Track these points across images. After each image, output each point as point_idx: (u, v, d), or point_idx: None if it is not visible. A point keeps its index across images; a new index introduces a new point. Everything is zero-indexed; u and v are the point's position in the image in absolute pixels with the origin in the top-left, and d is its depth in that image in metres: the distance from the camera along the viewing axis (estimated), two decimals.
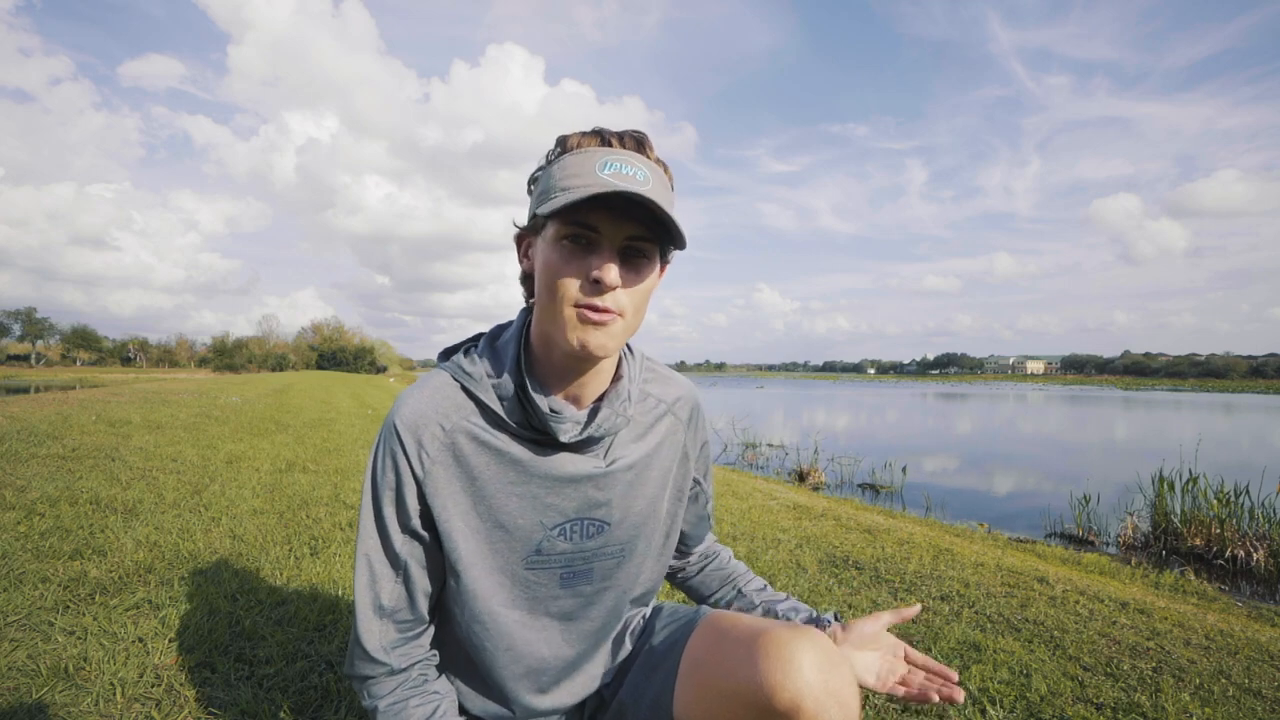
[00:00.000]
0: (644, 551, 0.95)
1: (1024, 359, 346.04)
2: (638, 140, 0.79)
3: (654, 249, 0.80)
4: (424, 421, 0.83)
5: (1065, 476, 8.71)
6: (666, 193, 0.78)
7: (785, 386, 70.96)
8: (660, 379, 0.97)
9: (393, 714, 0.84)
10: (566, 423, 0.83)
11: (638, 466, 0.91)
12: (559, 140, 0.81)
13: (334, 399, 13.60)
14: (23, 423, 5.16)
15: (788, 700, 0.71)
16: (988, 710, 1.56)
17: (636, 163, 0.76)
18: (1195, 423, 20.12)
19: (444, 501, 0.84)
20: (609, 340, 0.78)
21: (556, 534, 0.87)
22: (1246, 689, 1.81)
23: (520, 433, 0.84)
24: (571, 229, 0.75)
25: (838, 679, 0.73)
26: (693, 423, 1.00)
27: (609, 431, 0.87)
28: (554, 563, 0.88)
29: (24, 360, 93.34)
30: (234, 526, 2.76)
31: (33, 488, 3.10)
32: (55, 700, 1.35)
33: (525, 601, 0.89)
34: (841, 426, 17.11)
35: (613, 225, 0.75)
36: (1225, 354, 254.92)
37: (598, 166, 0.74)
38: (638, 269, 0.78)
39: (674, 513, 1.00)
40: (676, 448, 0.97)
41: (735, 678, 0.76)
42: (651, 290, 0.83)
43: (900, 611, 0.98)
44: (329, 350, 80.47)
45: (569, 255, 0.76)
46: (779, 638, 0.75)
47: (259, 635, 1.71)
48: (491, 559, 0.86)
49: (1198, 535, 4.97)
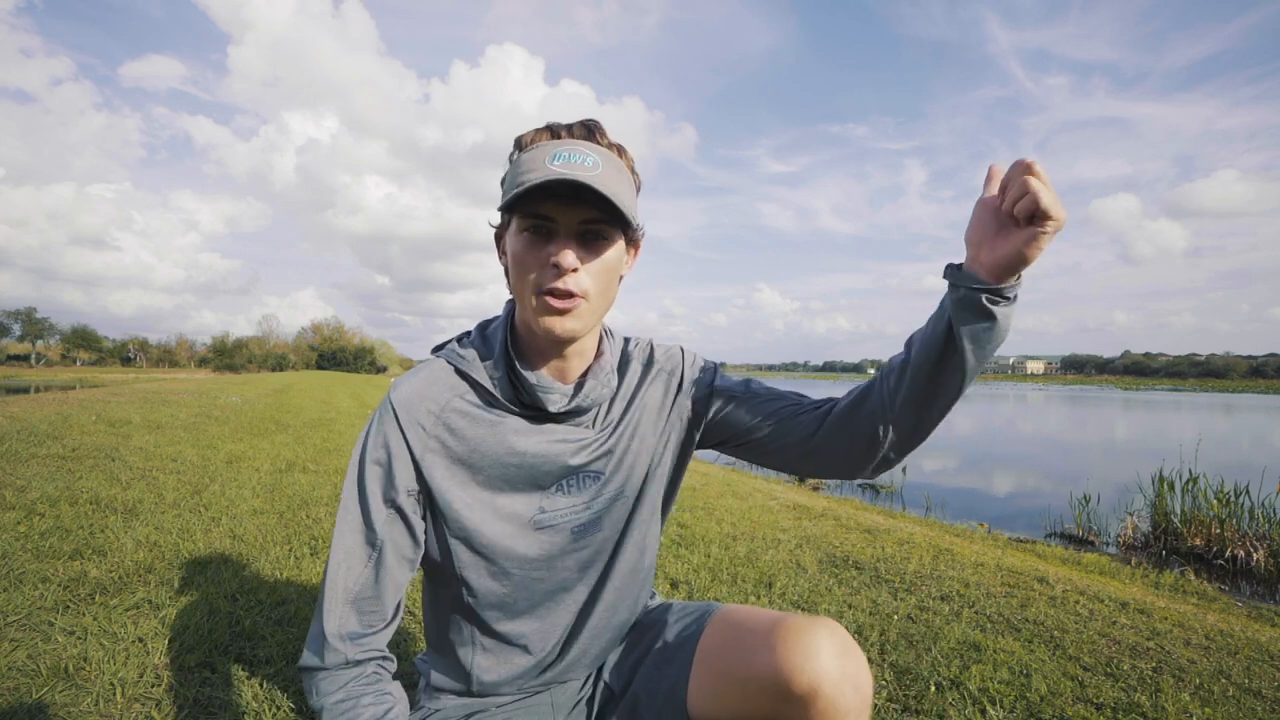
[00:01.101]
0: (646, 497, 0.97)
1: (1024, 359, 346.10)
2: (588, 129, 0.82)
3: (613, 230, 0.83)
4: (419, 399, 0.86)
5: (1065, 476, 8.71)
6: (618, 175, 0.81)
7: (785, 386, 71.09)
8: (652, 349, 1.01)
9: (340, 711, 0.79)
10: (554, 393, 0.87)
11: (629, 419, 0.94)
12: (516, 140, 0.84)
13: (334, 399, 13.60)
14: (23, 423, 5.16)
15: (806, 684, 0.73)
16: (988, 710, 1.56)
17: (585, 150, 0.79)
18: (1195, 423, 20.12)
19: (441, 474, 0.86)
20: (576, 323, 0.82)
21: (555, 490, 0.90)
22: (1246, 689, 1.81)
23: (511, 407, 0.88)
24: (529, 220, 0.80)
25: (854, 664, 0.76)
26: (680, 366, 1.00)
27: (595, 402, 0.91)
28: (561, 519, 0.91)
29: (24, 360, 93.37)
30: (234, 526, 2.76)
31: (33, 488, 3.10)
32: (55, 700, 1.35)
33: (542, 559, 0.91)
34: None
35: (565, 212, 0.79)
36: (1225, 354, 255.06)
37: (547, 159, 0.78)
38: (596, 250, 0.82)
39: (679, 462, 1.01)
40: (669, 394, 0.99)
41: (752, 665, 0.79)
42: (617, 270, 0.86)
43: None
44: (329, 350, 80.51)
45: (529, 245, 0.81)
46: (797, 625, 0.78)
47: (259, 635, 1.71)
48: (496, 524, 0.88)
49: (1198, 535, 4.97)
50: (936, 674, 1.75)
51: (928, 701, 1.60)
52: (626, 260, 0.89)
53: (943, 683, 1.70)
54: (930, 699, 1.61)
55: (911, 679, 1.72)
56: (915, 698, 1.62)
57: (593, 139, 0.82)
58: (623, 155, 0.85)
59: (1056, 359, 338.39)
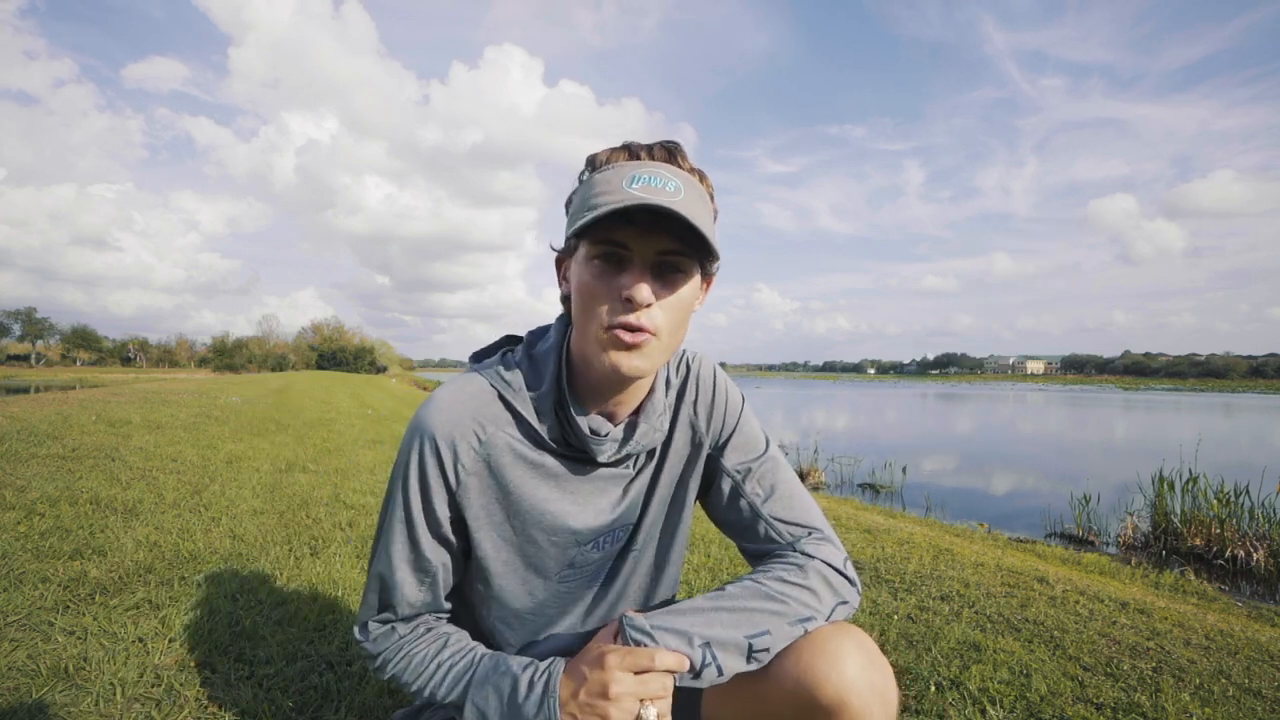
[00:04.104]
0: (669, 545, 0.95)
1: (1024, 359, 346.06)
2: (668, 150, 0.77)
3: (690, 263, 0.76)
4: (460, 430, 0.80)
5: (1065, 476, 8.71)
6: (701, 202, 0.75)
7: (785, 387, 70.92)
8: (686, 375, 0.93)
9: (395, 651, 0.82)
10: (606, 443, 0.82)
11: (657, 460, 0.91)
12: (589, 159, 0.78)
13: (334, 399, 13.59)
14: (23, 423, 5.15)
15: (832, 694, 0.70)
16: (988, 710, 1.56)
17: (667, 174, 0.73)
18: (1195, 423, 20.12)
19: (477, 512, 0.82)
20: (644, 362, 0.75)
21: (590, 547, 0.87)
22: (1246, 689, 1.81)
23: (557, 450, 0.83)
24: (601, 247, 0.74)
25: (881, 676, 0.73)
26: (694, 391, 0.92)
27: (645, 448, 0.86)
28: (585, 572, 0.89)
29: (24, 360, 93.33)
30: (234, 526, 2.76)
31: (33, 488, 3.10)
32: (55, 700, 1.35)
33: (555, 605, 0.90)
34: (841, 427, 17.11)
35: (642, 241, 0.73)
36: (1225, 354, 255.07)
37: (625, 181, 0.72)
38: (672, 284, 0.75)
39: (694, 501, 0.98)
40: (688, 426, 0.92)
41: (775, 675, 0.75)
42: (690, 306, 0.79)
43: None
44: (329, 350, 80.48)
45: (600, 274, 0.74)
46: (825, 633, 0.75)
47: (259, 635, 1.71)
48: (524, 570, 0.86)
49: (1198, 535, 4.96)
50: (936, 674, 1.75)
51: (928, 701, 1.60)
52: (700, 296, 0.82)
53: (943, 683, 1.70)
54: (930, 699, 1.61)
55: (911, 679, 1.72)
56: (915, 698, 1.62)
57: (674, 162, 0.76)
58: (704, 181, 0.79)
59: (1056, 359, 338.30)
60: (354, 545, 2.62)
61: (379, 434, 7.03)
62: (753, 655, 0.74)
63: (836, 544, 0.87)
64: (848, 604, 0.81)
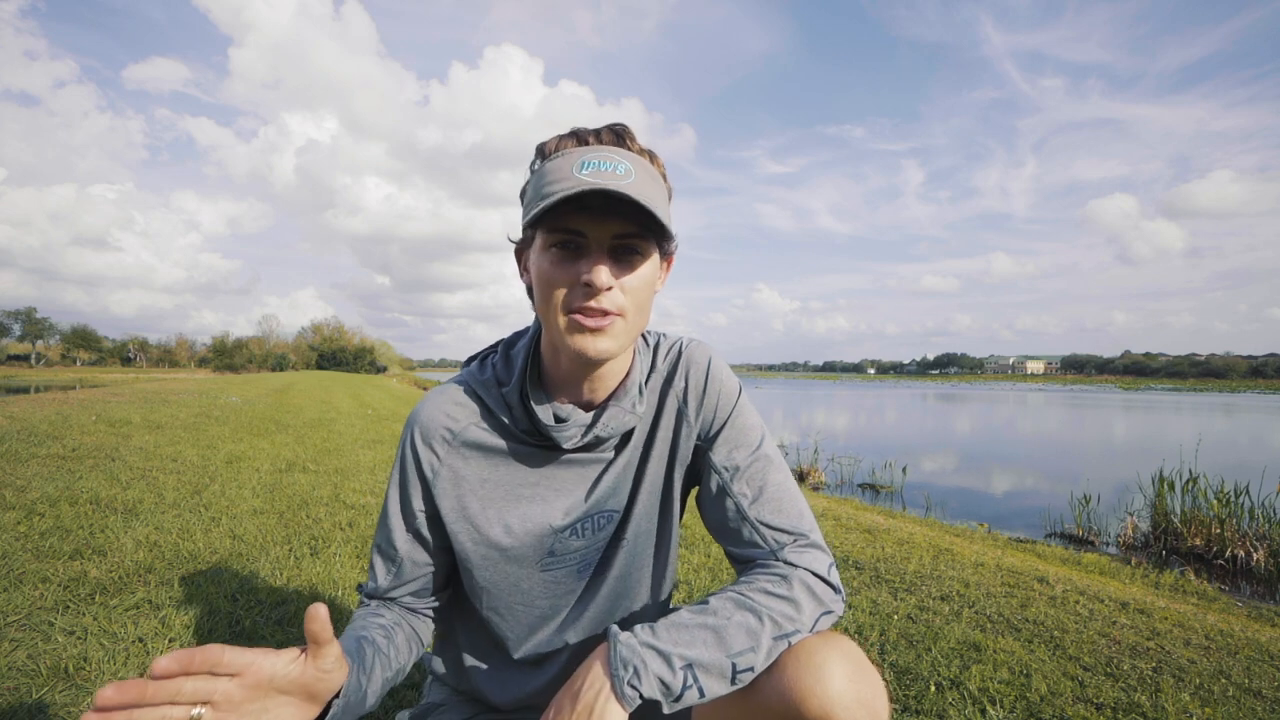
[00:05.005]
0: (660, 535, 0.93)
1: (1024, 359, 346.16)
2: (616, 134, 0.76)
3: (647, 245, 0.76)
4: (434, 425, 0.85)
5: (1065, 476, 8.70)
6: (653, 183, 0.75)
7: (784, 387, 70.95)
8: (678, 358, 0.91)
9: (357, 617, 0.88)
10: (570, 429, 0.82)
11: (642, 448, 0.89)
12: (538, 148, 0.78)
13: (334, 399, 13.59)
14: (23, 423, 5.15)
15: (817, 708, 0.68)
16: (988, 710, 1.56)
17: (616, 157, 0.73)
18: (1195, 423, 20.13)
19: (451, 503, 0.84)
20: (611, 343, 0.75)
21: (568, 534, 0.87)
22: (1246, 689, 1.81)
23: (526, 439, 0.84)
24: (557, 235, 0.74)
25: (869, 688, 0.70)
26: (684, 378, 0.89)
27: (615, 432, 0.84)
28: (569, 560, 0.88)
29: (24, 360, 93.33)
30: (234, 526, 2.76)
31: (33, 488, 3.10)
32: (55, 700, 1.35)
33: (545, 595, 0.89)
34: (841, 426, 17.11)
35: (596, 225, 0.73)
36: (1225, 354, 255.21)
37: (575, 167, 0.71)
38: (630, 266, 0.76)
39: (688, 492, 0.96)
40: (674, 414, 0.90)
41: (762, 686, 0.73)
42: (652, 285, 0.79)
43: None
44: (329, 350, 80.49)
45: (557, 261, 0.74)
46: (809, 645, 0.73)
47: (259, 635, 1.71)
48: (503, 562, 0.86)
49: (1198, 535, 4.96)
50: (936, 674, 1.75)
51: (928, 701, 1.60)
52: (660, 275, 0.82)
53: (943, 683, 1.70)
54: (930, 699, 1.61)
55: (911, 679, 1.72)
56: (915, 698, 1.62)
57: (622, 144, 0.76)
58: (654, 161, 0.78)
59: (1056, 359, 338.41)
60: (354, 545, 2.62)
61: (379, 434, 7.03)
62: (736, 676, 0.72)
63: (823, 548, 0.85)
64: (831, 613, 0.79)
